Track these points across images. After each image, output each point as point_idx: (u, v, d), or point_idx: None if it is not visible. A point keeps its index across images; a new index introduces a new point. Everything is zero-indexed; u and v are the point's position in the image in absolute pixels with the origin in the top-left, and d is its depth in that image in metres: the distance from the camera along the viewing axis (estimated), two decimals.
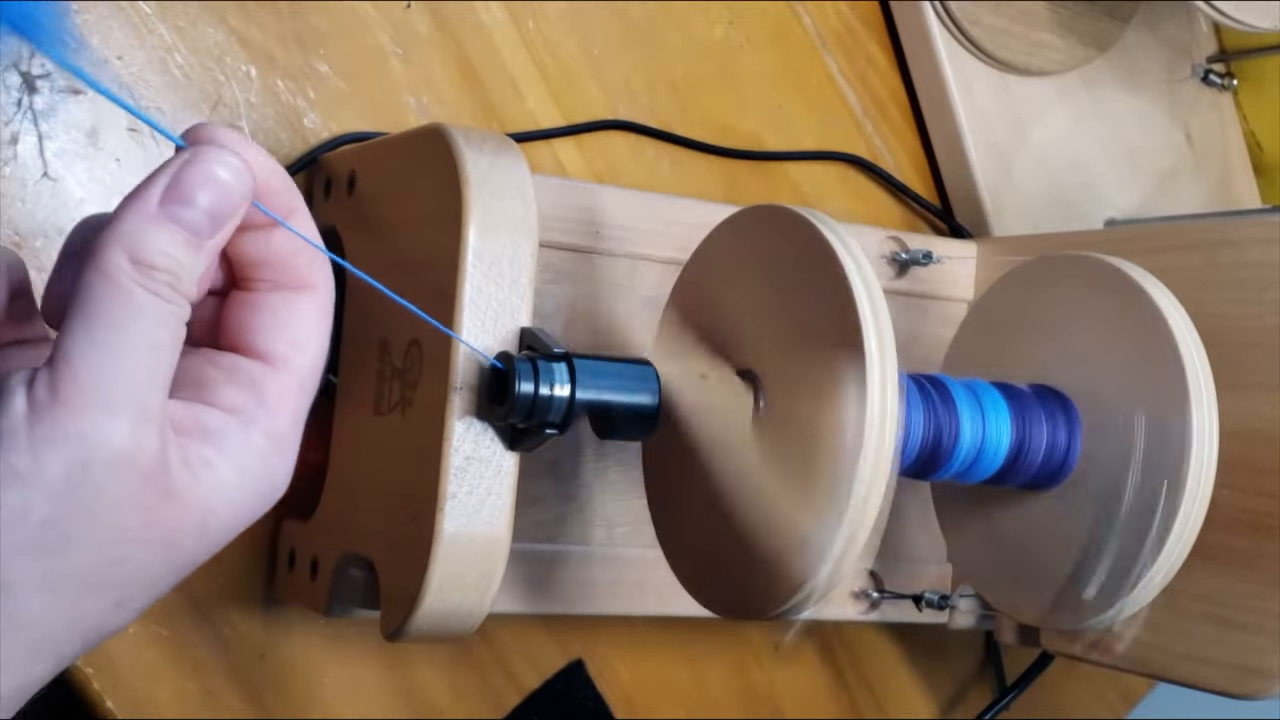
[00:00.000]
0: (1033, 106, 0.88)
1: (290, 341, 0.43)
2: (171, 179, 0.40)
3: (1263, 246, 0.65)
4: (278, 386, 0.43)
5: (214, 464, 0.41)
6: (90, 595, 0.39)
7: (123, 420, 0.38)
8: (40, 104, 0.62)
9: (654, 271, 0.69)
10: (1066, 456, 0.63)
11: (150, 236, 0.39)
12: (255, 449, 0.42)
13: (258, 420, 0.42)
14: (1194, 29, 0.96)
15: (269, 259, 0.43)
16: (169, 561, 0.40)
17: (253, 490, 0.42)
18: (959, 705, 0.88)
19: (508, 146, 0.57)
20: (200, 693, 0.66)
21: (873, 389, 0.52)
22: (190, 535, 0.41)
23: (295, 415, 0.43)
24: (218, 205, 0.41)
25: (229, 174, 0.41)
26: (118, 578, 0.39)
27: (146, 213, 0.40)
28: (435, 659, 0.71)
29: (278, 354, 0.43)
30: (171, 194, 0.40)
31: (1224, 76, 0.97)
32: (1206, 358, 0.60)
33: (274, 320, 0.43)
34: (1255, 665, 0.64)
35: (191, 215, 0.40)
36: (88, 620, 0.39)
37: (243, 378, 0.42)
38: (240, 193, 0.41)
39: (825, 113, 0.85)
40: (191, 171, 0.40)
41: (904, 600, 0.75)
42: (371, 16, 0.70)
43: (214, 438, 0.41)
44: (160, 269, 0.39)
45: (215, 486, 0.41)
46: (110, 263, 0.39)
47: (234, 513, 0.42)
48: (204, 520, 0.41)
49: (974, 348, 0.71)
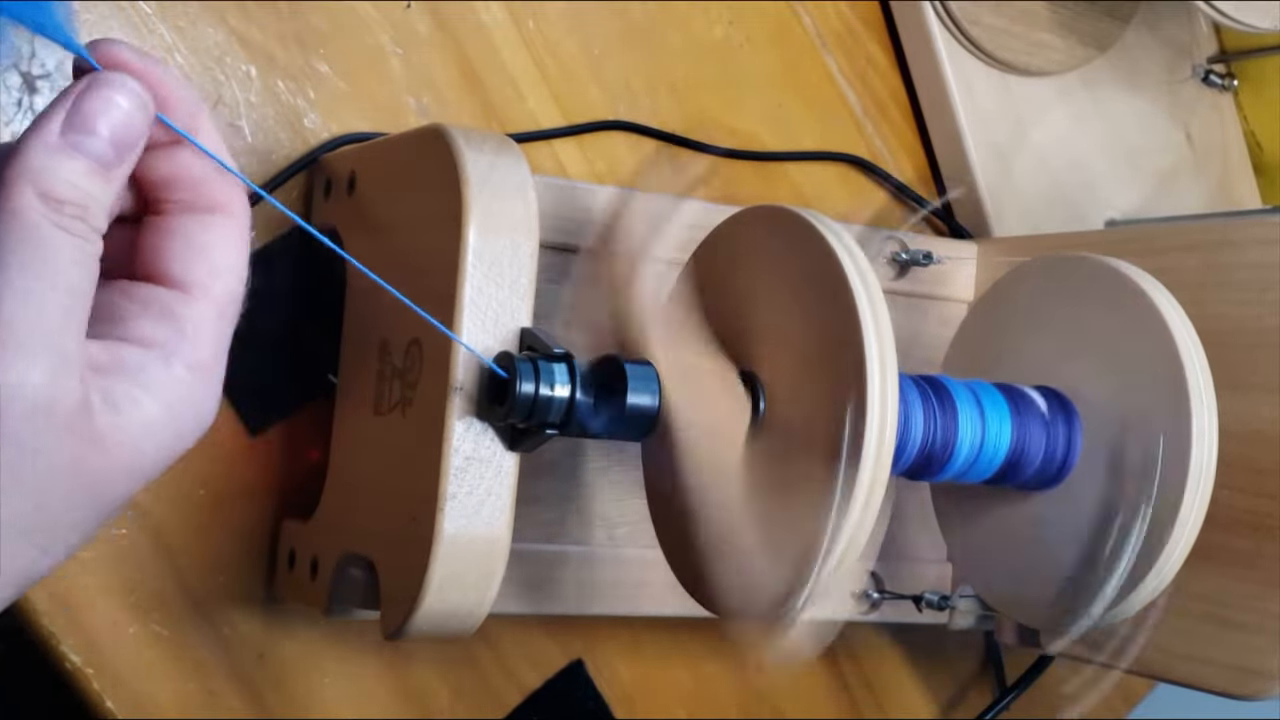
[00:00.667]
0: (1033, 106, 0.88)
1: (207, 268, 0.42)
2: (70, 108, 0.39)
3: (1263, 246, 0.65)
4: (196, 316, 0.41)
5: (138, 401, 0.40)
6: (16, 543, 0.38)
7: (41, 367, 0.37)
8: (40, 104, 0.62)
9: (654, 271, 0.69)
10: (1066, 456, 0.63)
11: (56, 169, 0.38)
12: (178, 382, 0.41)
13: (179, 352, 0.41)
14: (1194, 29, 0.96)
15: (177, 176, 0.42)
16: (98, 504, 0.40)
17: (179, 424, 0.41)
18: (959, 705, 0.88)
19: (508, 147, 0.57)
20: (200, 693, 0.66)
21: (873, 390, 0.52)
22: (118, 477, 0.40)
23: (217, 344, 0.42)
24: (120, 131, 0.40)
25: (128, 99, 0.40)
26: (45, 523, 0.39)
27: (48, 143, 0.39)
28: (435, 659, 0.71)
29: (194, 281, 0.42)
30: (72, 123, 0.39)
31: (1224, 77, 0.97)
32: (1206, 358, 0.60)
33: (188, 246, 0.42)
34: (1255, 665, 0.64)
35: (95, 144, 0.39)
36: (17, 565, 0.39)
37: (159, 309, 0.41)
38: (142, 116, 0.40)
39: (825, 113, 0.85)
40: (90, 99, 0.39)
41: (904, 600, 0.75)
42: (371, 16, 0.70)
43: (135, 374, 0.40)
44: (69, 201, 0.38)
45: (141, 425, 0.40)
46: (18, 201, 0.38)
47: (161, 449, 0.41)
48: (131, 460, 0.40)
49: (974, 348, 0.71)
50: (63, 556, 0.40)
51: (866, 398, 0.52)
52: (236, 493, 0.66)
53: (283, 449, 0.67)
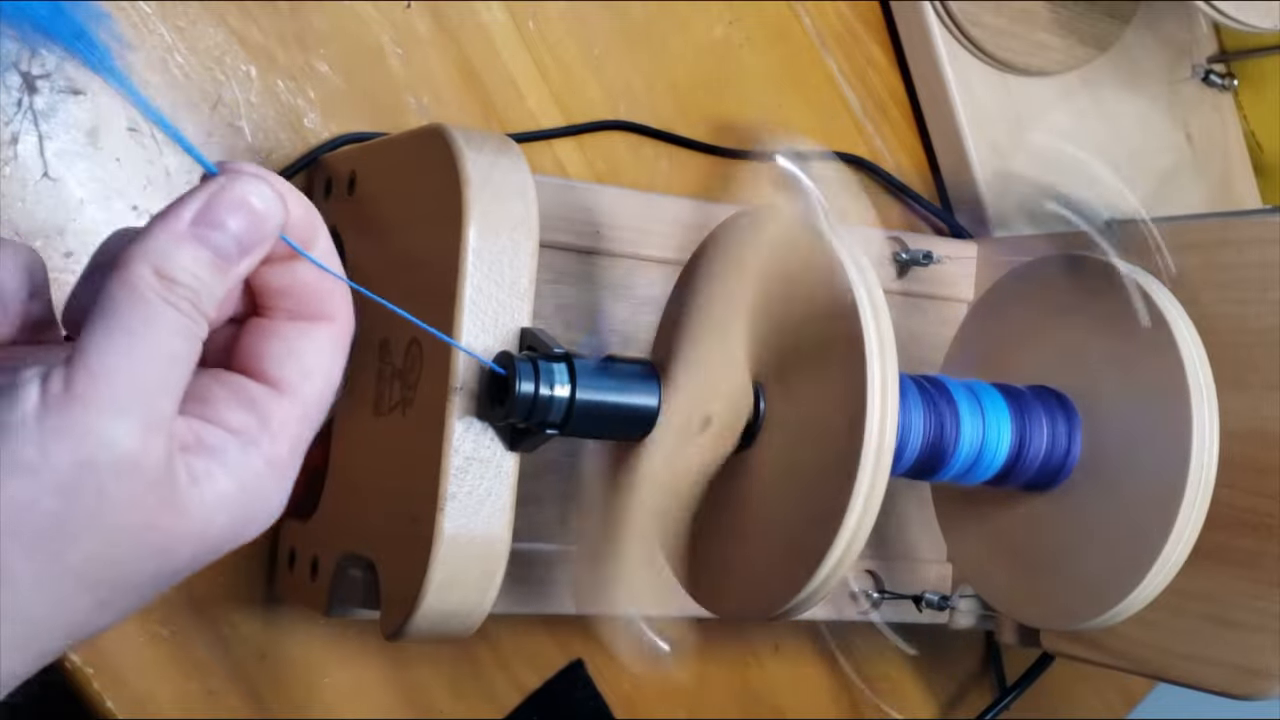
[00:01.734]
0: (1033, 106, 0.88)
1: (300, 369, 0.43)
2: (205, 201, 0.41)
3: (1263, 246, 0.65)
4: (281, 412, 0.43)
5: (215, 477, 0.41)
6: (81, 593, 0.39)
7: (133, 423, 0.38)
8: (40, 104, 0.62)
9: (653, 271, 0.69)
10: (1066, 456, 0.63)
11: (177, 254, 0.40)
12: (253, 470, 0.42)
13: (258, 443, 0.42)
14: (1194, 29, 0.96)
15: (290, 289, 0.44)
16: (161, 568, 0.41)
17: (249, 509, 0.42)
18: (959, 705, 0.88)
19: (508, 147, 0.57)
20: (200, 693, 0.66)
21: (873, 390, 0.52)
22: (185, 544, 0.41)
23: (295, 443, 0.43)
24: (248, 232, 0.41)
25: (262, 203, 0.41)
26: (109, 578, 0.40)
27: (176, 231, 0.40)
28: (435, 659, 0.71)
29: (285, 380, 0.43)
30: (203, 216, 0.41)
31: (1224, 76, 0.97)
32: (1206, 358, 0.60)
33: (286, 347, 0.44)
34: (1255, 665, 0.64)
35: (220, 239, 0.41)
36: (75, 617, 0.40)
37: (247, 399, 0.43)
38: (271, 223, 0.42)
39: (825, 113, 0.85)
40: (225, 196, 0.41)
41: (904, 600, 0.75)
42: (371, 16, 0.70)
43: (214, 454, 0.41)
44: (183, 285, 0.40)
45: (214, 499, 0.41)
46: (134, 274, 0.39)
47: (229, 527, 0.42)
48: (201, 531, 0.41)
49: (974, 348, 0.71)
50: (118, 618, 0.41)
51: (867, 399, 0.52)
52: None
53: None
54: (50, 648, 0.40)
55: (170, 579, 0.41)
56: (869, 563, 0.76)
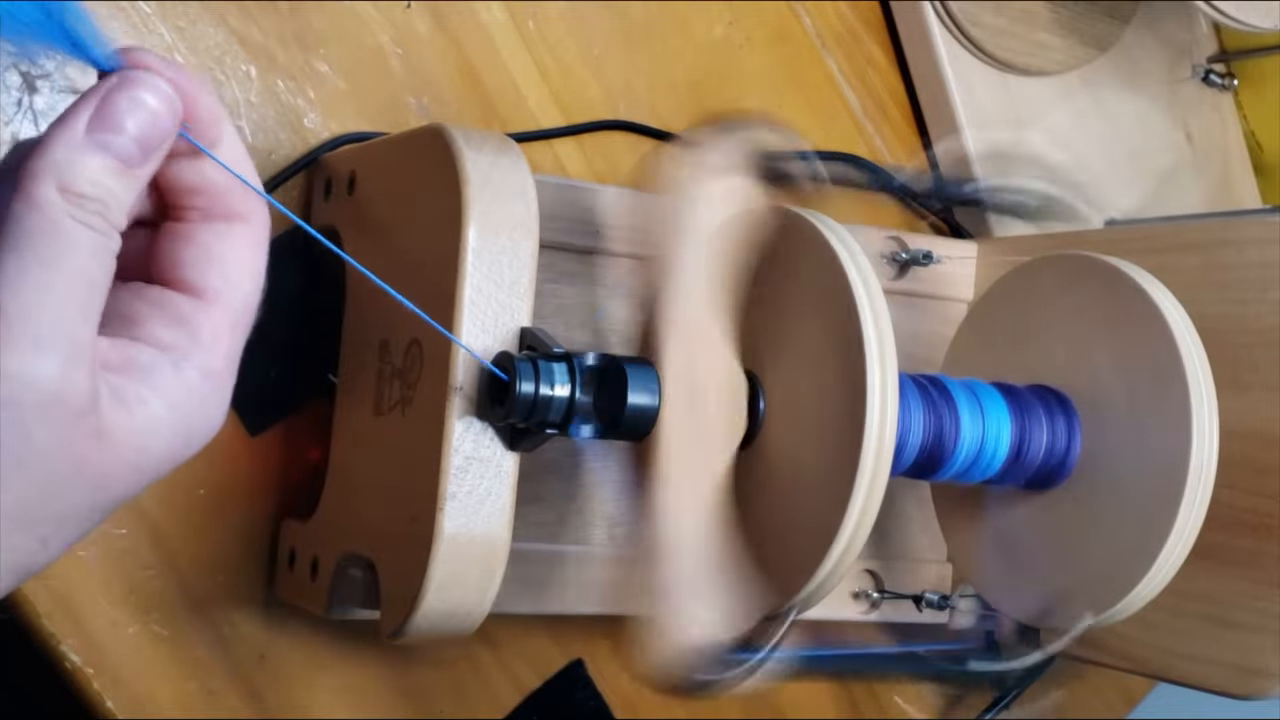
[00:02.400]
0: (1033, 106, 0.88)
1: (223, 276, 0.42)
2: (99, 105, 0.39)
3: (1263, 246, 0.65)
4: (211, 323, 0.42)
5: (146, 400, 0.40)
6: (17, 533, 0.38)
7: (53, 358, 0.37)
8: (40, 104, 0.62)
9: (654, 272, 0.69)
10: (1066, 456, 0.63)
11: (79, 164, 0.38)
12: (188, 386, 0.41)
13: (190, 357, 0.41)
14: (1194, 29, 0.96)
15: (200, 186, 0.42)
16: (99, 499, 0.40)
17: (185, 428, 0.41)
18: (959, 705, 0.88)
19: (508, 146, 0.57)
20: (200, 693, 0.66)
21: (873, 390, 0.52)
22: (122, 474, 0.40)
23: (229, 352, 0.42)
24: (147, 132, 0.40)
25: (157, 100, 0.40)
26: (46, 515, 0.39)
27: (73, 139, 0.39)
28: (435, 659, 0.71)
29: (210, 288, 0.42)
30: (99, 120, 0.39)
31: (1224, 76, 0.97)
32: (1206, 358, 0.60)
33: (205, 253, 0.42)
34: (1255, 665, 0.64)
35: (121, 142, 0.39)
36: (16, 557, 0.39)
37: (173, 313, 0.41)
38: (169, 119, 0.40)
39: (825, 113, 0.85)
40: (119, 97, 0.39)
41: (904, 600, 0.75)
42: (371, 16, 0.70)
43: (146, 374, 0.40)
44: (90, 198, 0.38)
45: (148, 424, 0.40)
46: (39, 193, 0.38)
47: (167, 450, 0.41)
48: (136, 459, 0.40)
49: (974, 348, 0.71)
50: (61, 550, 0.40)
51: (866, 399, 0.52)
52: (236, 493, 0.66)
53: (283, 449, 0.67)
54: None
55: (111, 506, 0.40)
56: (869, 563, 0.76)
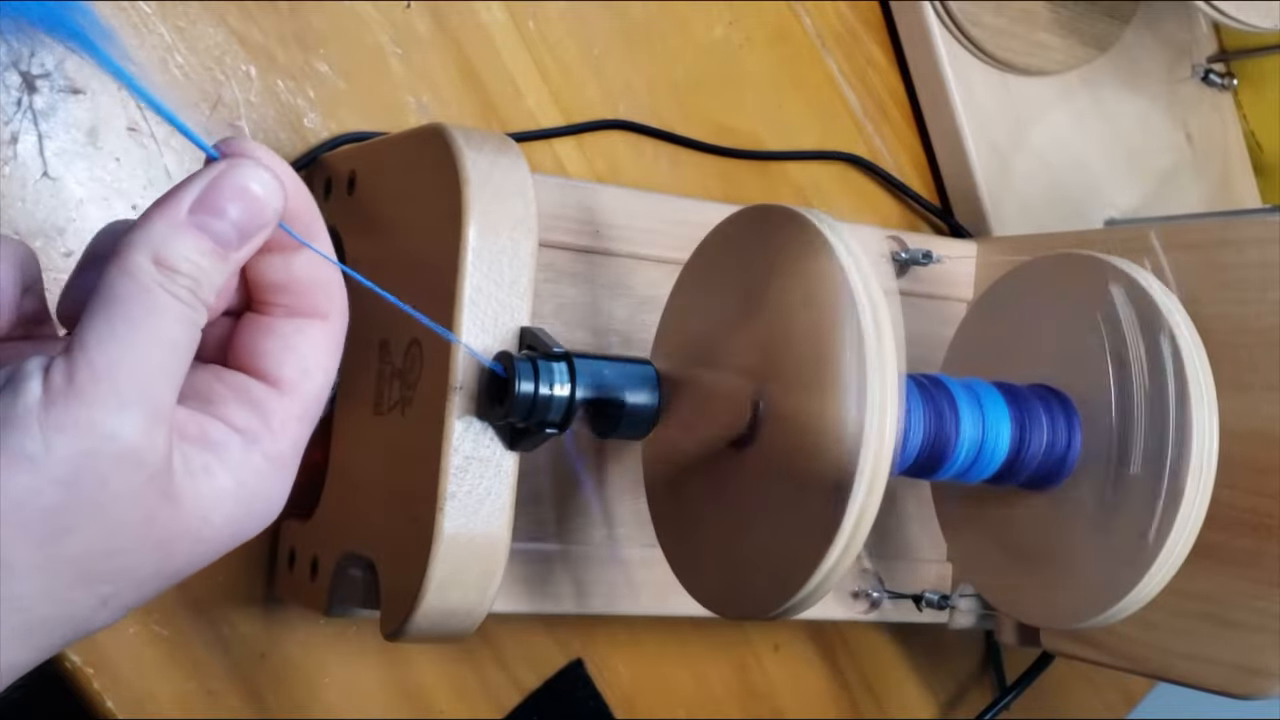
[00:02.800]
0: (1033, 106, 0.88)
1: (299, 368, 0.43)
2: (204, 188, 0.40)
3: (1263, 246, 0.65)
4: (283, 411, 0.43)
5: (214, 473, 0.41)
6: (81, 586, 0.39)
7: (135, 414, 0.38)
8: (40, 104, 0.62)
9: (654, 271, 0.69)
10: (1066, 456, 0.63)
11: (176, 242, 0.40)
12: (255, 467, 0.42)
13: (260, 441, 0.42)
14: (1194, 29, 0.96)
15: (286, 284, 0.44)
16: (160, 565, 0.41)
17: (249, 507, 0.42)
18: (959, 705, 0.88)
19: (508, 146, 0.57)
20: (200, 693, 0.66)
21: (873, 390, 0.52)
22: (185, 541, 0.41)
23: (296, 441, 0.43)
24: (247, 219, 0.41)
25: (262, 190, 0.41)
26: (110, 573, 0.40)
27: (175, 219, 0.40)
28: (435, 659, 0.71)
29: (285, 379, 0.43)
30: (202, 203, 0.40)
31: (1224, 76, 0.97)
32: (1206, 358, 0.60)
33: (285, 345, 0.43)
34: (1255, 665, 0.64)
35: (220, 226, 0.40)
36: (75, 611, 0.40)
37: (248, 398, 0.43)
38: (271, 210, 0.41)
39: (825, 113, 0.85)
40: (225, 183, 0.41)
41: (904, 600, 0.75)
42: (371, 16, 0.70)
43: (217, 449, 0.41)
44: (183, 273, 0.40)
45: (214, 495, 0.41)
46: (133, 262, 0.39)
47: (229, 525, 0.42)
48: (200, 528, 0.41)
49: (974, 348, 0.71)
50: (120, 614, 0.41)
51: (866, 399, 0.52)
52: None
53: None
54: (50, 642, 0.40)
55: (170, 578, 0.41)
56: (869, 563, 0.76)
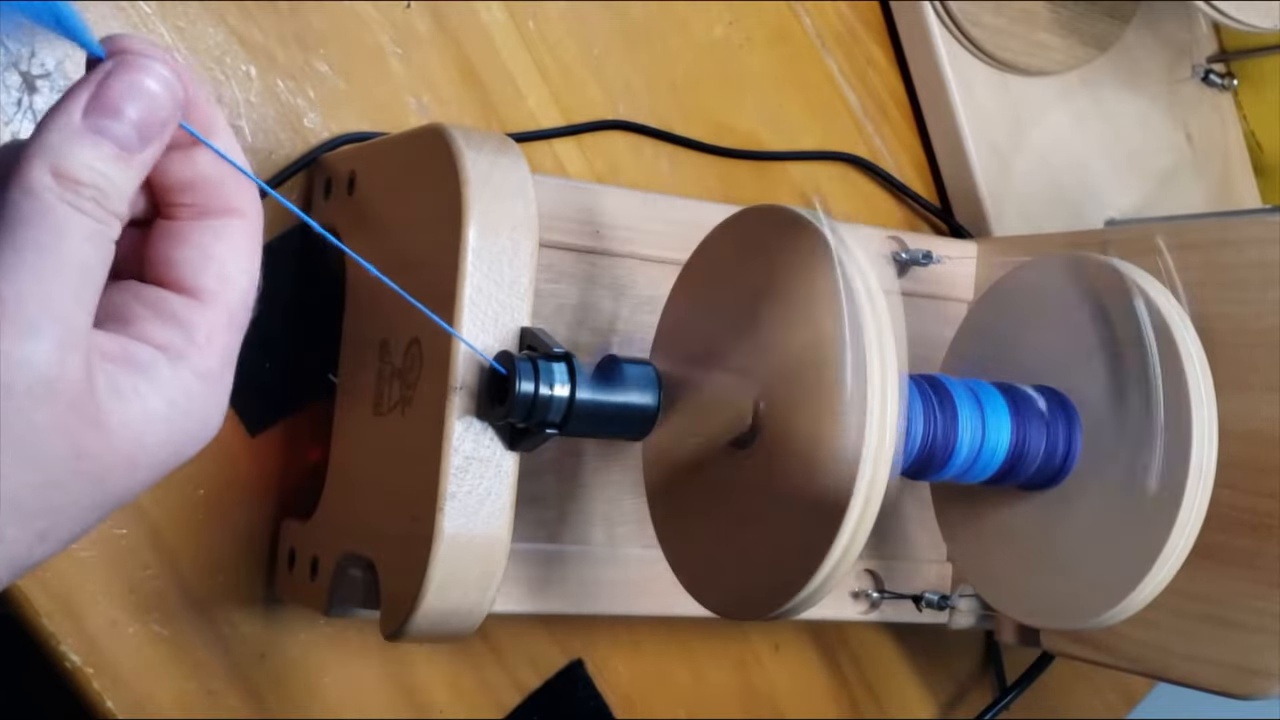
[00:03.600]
0: (1033, 106, 0.88)
1: (218, 275, 0.41)
2: (96, 89, 0.38)
3: (1263, 246, 0.65)
4: (207, 323, 0.41)
5: (143, 394, 0.39)
6: (15, 524, 0.37)
7: (47, 342, 0.36)
8: (40, 104, 0.62)
9: (654, 271, 0.69)
10: (1066, 456, 0.63)
11: (75, 151, 0.37)
12: (185, 386, 0.40)
13: (187, 357, 0.40)
14: (1194, 29, 0.96)
15: (193, 182, 0.41)
16: (98, 495, 0.39)
17: (183, 427, 0.40)
18: (959, 705, 0.88)
19: (508, 146, 0.57)
20: (200, 693, 0.66)
21: (873, 391, 0.52)
22: (120, 468, 0.39)
23: (225, 352, 0.41)
24: (147, 118, 0.39)
25: (158, 85, 0.39)
26: (44, 507, 0.38)
27: (70, 126, 0.38)
28: (435, 659, 0.71)
29: (205, 288, 0.41)
30: (96, 105, 0.38)
31: (1224, 76, 0.97)
32: (1206, 358, 0.60)
33: (200, 252, 0.41)
34: (1255, 665, 0.64)
35: (119, 128, 0.38)
36: (13, 550, 0.38)
37: (169, 313, 0.40)
38: (170, 105, 0.39)
39: (825, 113, 0.85)
40: (117, 82, 0.38)
41: (904, 600, 0.75)
42: (371, 16, 0.70)
43: (143, 369, 0.39)
44: (86, 184, 0.37)
45: (145, 418, 0.39)
46: (33, 178, 0.37)
47: (164, 448, 0.40)
48: (133, 453, 0.39)
49: (974, 348, 0.71)
50: (60, 546, 0.39)
51: (867, 400, 0.52)
52: (236, 493, 0.66)
53: (283, 449, 0.67)
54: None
55: (111, 504, 0.40)
56: (869, 563, 0.76)
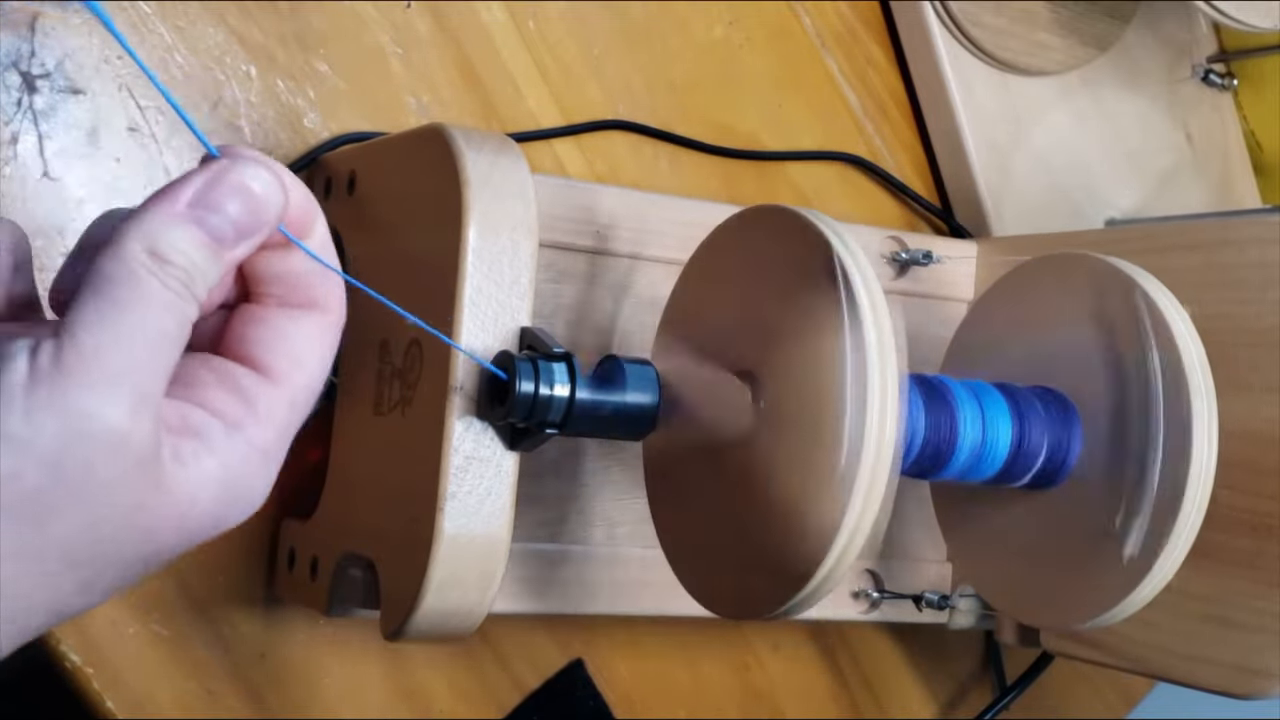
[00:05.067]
0: (1033, 106, 0.88)
1: (289, 357, 0.43)
2: (205, 183, 0.40)
3: (1263, 246, 0.65)
4: (269, 399, 0.42)
5: (199, 458, 0.40)
6: (64, 570, 0.39)
7: (123, 399, 0.38)
8: (40, 104, 0.62)
9: (654, 271, 0.69)
10: (1066, 456, 0.63)
11: (172, 234, 0.39)
12: (239, 454, 0.41)
13: (244, 428, 0.41)
14: (1194, 29, 0.96)
15: (283, 276, 0.43)
16: (144, 550, 0.40)
17: (234, 493, 0.42)
18: (959, 705, 0.88)
19: (508, 146, 0.57)
20: (200, 693, 0.66)
21: (873, 391, 0.52)
22: (169, 526, 0.40)
23: (283, 430, 0.43)
24: (246, 218, 0.40)
25: (262, 189, 0.41)
26: (92, 557, 0.39)
27: (172, 211, 0.40)
28: (435, 659, 0.71)
29: (274, 367, 0.43)
30: (201, 198, 0.40)
31: (1224, 76, 0.97)
32: (1206, 358, 0.60)
33: (276, 334, 0.43)
34: (1255, 665, 0.64)
35: (217, 222, 0.40)
36: (58, 595, 0.39)
37: (234, 385, 0.42)
38: (271, 210, 0.41)
39: (825, 113, 0.85)
40: (226, 179, 0.40)
41: (904, 600, 0.75)
42: (371, 16, 0.70)
43: (200, 436, 0.41)
44: (175, 265, 0.39)
45: (200, 479, 0.40)
46: (127, 250, 0.39)
47: (213, 509, 0.41)
48: (185, 513, 0.40)
49: (974, 348, 0.71)
50: (100, 599, 0.40)
51: (867, 399, 0.52)
52: None
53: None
54: (31, 624, 0.39)
55: (153, 562, 0.41)
56: (869, 563, 0.76)
